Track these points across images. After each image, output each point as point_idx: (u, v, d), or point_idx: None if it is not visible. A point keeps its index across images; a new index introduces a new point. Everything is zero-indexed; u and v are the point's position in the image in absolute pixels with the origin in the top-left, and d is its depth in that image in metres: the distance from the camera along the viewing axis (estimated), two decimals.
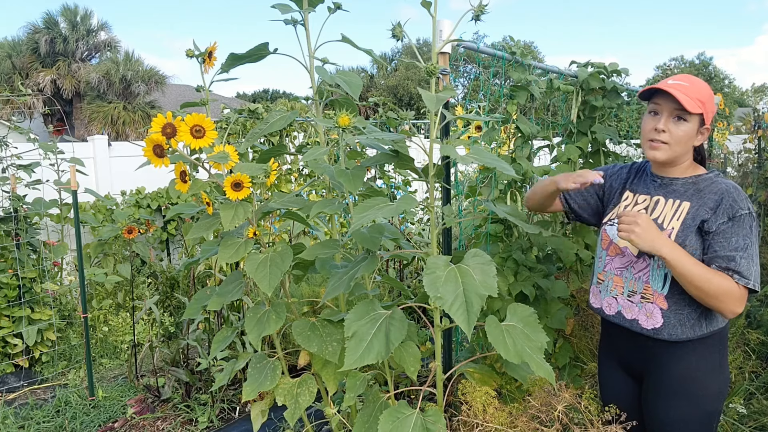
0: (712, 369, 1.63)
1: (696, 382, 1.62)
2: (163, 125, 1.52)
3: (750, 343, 3.03)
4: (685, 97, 1.54)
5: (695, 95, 1.55)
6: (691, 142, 1.61)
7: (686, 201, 1.61)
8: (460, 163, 1.62)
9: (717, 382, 1.64)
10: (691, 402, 1.63)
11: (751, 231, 1.54)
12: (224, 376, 1.94)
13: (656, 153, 1.61)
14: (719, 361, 1.66)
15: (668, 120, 1.58)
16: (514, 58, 2.31)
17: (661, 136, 1.59)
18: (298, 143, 4.49)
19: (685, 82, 1.58)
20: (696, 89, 1.57)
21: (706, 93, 1.59)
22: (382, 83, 33.57)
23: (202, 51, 1.73)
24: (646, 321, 1.64)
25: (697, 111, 1.54)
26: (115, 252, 4.44)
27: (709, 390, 1.63)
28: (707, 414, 1.64)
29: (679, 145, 1.59)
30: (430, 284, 1.39)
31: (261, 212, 1.73)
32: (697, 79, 1.62)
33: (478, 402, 1.74)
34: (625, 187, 1.81)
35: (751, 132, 4.21)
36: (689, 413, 1.63)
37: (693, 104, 1.54)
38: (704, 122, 1.60)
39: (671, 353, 1.64)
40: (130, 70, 21.86)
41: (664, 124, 1.58)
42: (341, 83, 1.65)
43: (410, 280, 4.34)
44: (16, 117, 4.61)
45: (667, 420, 1.66)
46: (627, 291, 1.69)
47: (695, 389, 1.62)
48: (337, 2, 1.73)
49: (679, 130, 1.58)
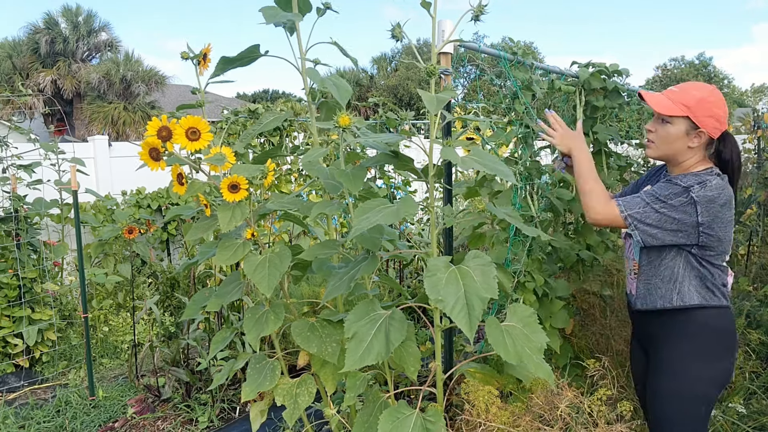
0: (705, 354, 1.74)
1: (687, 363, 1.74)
2: (158, 128, 1.52)
3: (750, 343, 3.03)
4: (656, 101, 1.71)
5: (679, 100, 1.69)
6: (680, 143, 1.72)
7: None
8: (460, 167, 1.62)
9: (710, 367, 1.74)
10: (680, 380, 1.75)
11: (670, 194, 1.65)
12: (222, 376, 1.94)
13: (648, 150, 1.82)
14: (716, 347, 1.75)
15: (655, 121, 1.77)
16: (516, 58, 2.31)
17: (650, 135, 1.79)
18: (298, 143, 4.49)
19: (677, 88, 1.74)
20: (683, 95, 1.70)
21: (694, 98, 1.68)
22: (382, 83, 33.54)
23: (197, 53, 1.73)
24: (634, 291, 1.88)
25: (673, 113, 1.69)
26: (115, 252, 4.44)
27: (701, 373, 1.73)
28: (696, 397, 1.74)
29: (665, 144, 1.75)
30: (431, 287, 1.39)
31: (259, 213, 1.73)
32: (696, 86, 1.73)
33: (480, 401, 1.74)
34: (648, 183, 1.98)
35: (751, 132, 4.20)
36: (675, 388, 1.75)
37: (671, 108, 1.69)
38: (697, 126, 1.69)
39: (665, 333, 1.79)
40: (130, 71, 21.86)
41: (653, 125, 1.78)
42: (331, 87, 1.64)
43: (410, 280, 4.34)
44: (17, 117, 4.61)
45: (657, 395, 1.79)
46: (628, 270, 1.93)
47: (686, 370, 1.74)
48: (327, 3, 1.72)
49: (663, 131, 1.74)
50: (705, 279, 1.72)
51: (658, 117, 1.75)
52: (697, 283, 1.73)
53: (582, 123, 2.73)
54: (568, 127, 1.96)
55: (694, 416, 1.75)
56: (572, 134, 1.92)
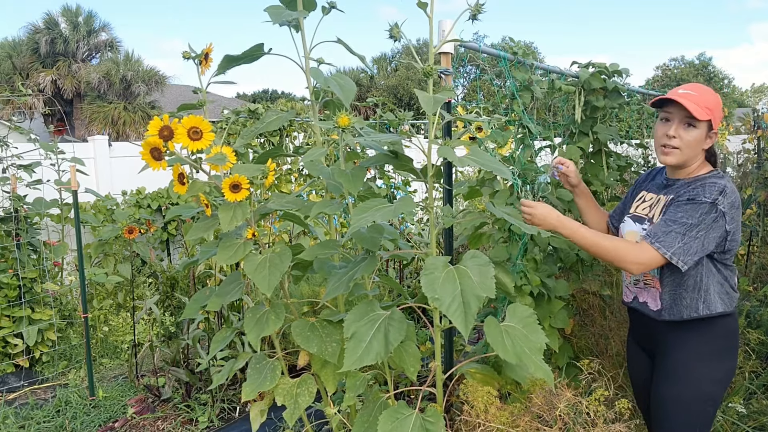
0: (714, 354, 1.74)
1: (696, 365, 1.73)
2: (160, 128, 1.52)
3: (750, 343, 3.03)
4: (694, 105, 1.66)
5: (703, 103, 1.68)
6: (700, 146, 1.73)
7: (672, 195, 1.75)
8: (458, 166, 1.62)
9: (718, 368, 1.74)
10: (690, 383, 1.73)
11: (701, 216, 1.62)
12: (222, 376, 1.94)
13: (668, 158, 1.75)
14: (723, 347, 1.76)
15: (679, 126, 1.71)
16: (516, 58, 2.31)
17: (672, 141, 1.72)
18: (298, 143, 4.49)
19: (693, 91, 1.70)
20: (704, 98, 1.69)
21: (713, 100, 1.71)
22: (382, 83, 33.53)
23: (198, 53, 1.73)
24: (653, 303, 1.80)
25: (705, 118, 1.67)
26: (115, 252, 4.44)
27: (710, 374, 1.73)
28: (704, 395, 1.74)
29: (689, 149, 1.72)
30: (428, 285, 1.39)
31: (260, 213, 1.73)
32: (705, 88, 1.74)
33: (479, 402, 1.75)
34: (641, 187, 1.96)
35: (751, 132, 4.20)
36: (686, 393, 1.74)
37: (701, 112, 1.66)
38: (712, 127, 1.72)
39: (676, 336, 1.76)
40: (130, 71, 21.85)
41: (675, 131, 1.71)
42: (334, 87, 1.64)
43: (410, 280, 4.34)
44: (17, 117, 4.61)
45: (665, 397, 1.77)
46: (633, 279, 1.87)
47: (695, 372, 1.73)
48: (332, 2, 1.72)
49: (689, 136, 1.70)
50: (724, 284, 1.73)
51: (682, 122, 1.70)
52: (719, 289, 1.72)
53: (580, 124, 2.74)
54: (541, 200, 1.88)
55: (706, 418, 1.76)
56: (544, 213, 1.73)
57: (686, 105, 1.65)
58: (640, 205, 1.88)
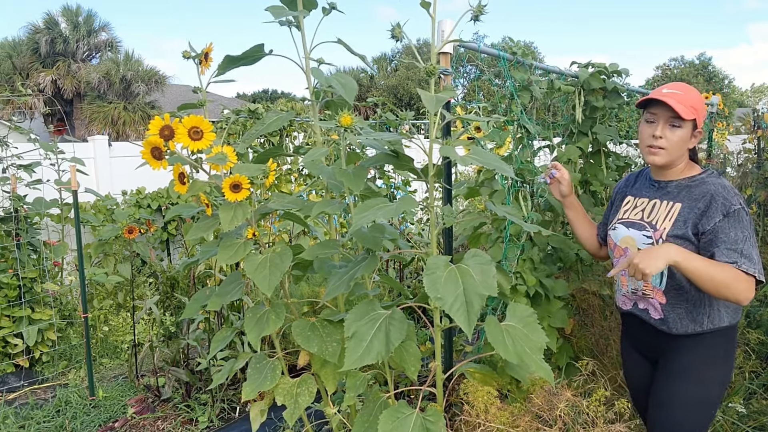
0: (718, 359, 1.74)
1: (703, 369, 1.72)
2: (160, 128, 1.52)
3: (750, 342, 3.03)
4: (679, 105, 1.65)
5: (688, 102, 1.67)
6: (686, 146, 1.72)
7: (678, 202, 1.72)
8: (460, 164, 1.62)
9: (722, 370, 1.75)
10: (697, 387, 1.72)
11: (746, 224, 1.61)
12: (222, 375, 1.94)
13: (655, 158, 1.73)
14: (727, 351, 1.75)
15: (664, 127, 1.70)
16: (515, 58, 2.31)
17: (659, 141, 1.70)
18: (298, 143, 4.49)
19: (678, 90, 1.69)
20: (688, 96, 1.69)
21: (697, 99, 1.70)
22: (382, 83, 33.53)
23: (198, 53, 1.73)
24: (654, 312, 1.77)
25: (690, 117, 1.67)
26: (115, 252, 4.44)
27: (716, 378, 1.73)
28: (714, 400, 1.74)
29: (675, 149, 1.70)
30: (431, 285, 1.39)
31: (260, 213, 1.73)
32: (689, 87, 1.74)
33: (479, 402, 1.75)
34: (627, 192, 1.92)
35: (751, 132, 4.20)
36: (691, 396, 1.73)
37: (687, 111, 1.66)
38: (696, 126, 1.71)
39: (681, 344, 1.74)
40: (130, 71, 21.84)
41: (661, 131, 1.70)
42: (336, 86, 1.64)
43: (410, 280, 4.34)
44: (17, 117, 4.62)
45: (675, 403, 1.75)
46: (631, 289, 1.83)
47: (702, 376, 1.72)
48: (332, 3, 1.72)
49: (674, 136, 1.69)
50: None
51: (667, 122, 1.68)
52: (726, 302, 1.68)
53: (579, 124, 2.74)
54: None
55: (707, 419, 1.76)
56: (656, 252, 1.53)
57: (673, 105, 1.63)
58: (630, 210, 1.83)
